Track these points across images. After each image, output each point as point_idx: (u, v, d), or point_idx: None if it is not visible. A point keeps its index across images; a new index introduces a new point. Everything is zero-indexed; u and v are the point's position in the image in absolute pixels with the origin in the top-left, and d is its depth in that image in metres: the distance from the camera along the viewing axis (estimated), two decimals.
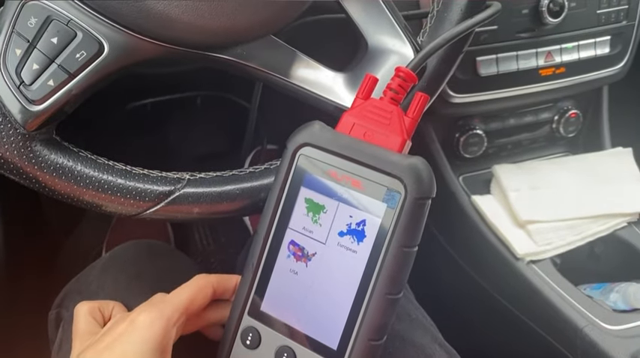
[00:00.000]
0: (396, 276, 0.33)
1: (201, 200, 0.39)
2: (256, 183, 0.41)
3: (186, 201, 0.39)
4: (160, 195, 0.38)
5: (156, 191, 0.38)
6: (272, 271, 0.36)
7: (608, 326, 0.52)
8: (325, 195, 0.35)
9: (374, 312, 0.33)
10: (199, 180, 0.40)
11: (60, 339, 0.44)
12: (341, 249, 0.34)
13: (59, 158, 0.36)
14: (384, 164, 0.33)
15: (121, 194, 0.37)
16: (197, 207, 0.39)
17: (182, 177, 0.39)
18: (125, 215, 0.38)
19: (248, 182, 0.41)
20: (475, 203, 0.65)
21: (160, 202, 0.38)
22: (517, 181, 0.66)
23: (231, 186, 0.40)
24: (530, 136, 0.70)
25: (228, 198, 0.40)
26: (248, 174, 0.41)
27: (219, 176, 0.40)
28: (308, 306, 0.35)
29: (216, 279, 0.38)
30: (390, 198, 0.33)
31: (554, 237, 0.61)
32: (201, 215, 0.40)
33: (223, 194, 0.40)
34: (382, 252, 0.33)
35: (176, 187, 0.39)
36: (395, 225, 0.33)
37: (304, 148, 0.35)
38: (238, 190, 0.40)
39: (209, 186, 0.40)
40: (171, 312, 0.35)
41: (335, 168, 0.35)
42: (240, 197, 0.40)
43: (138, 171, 0.38)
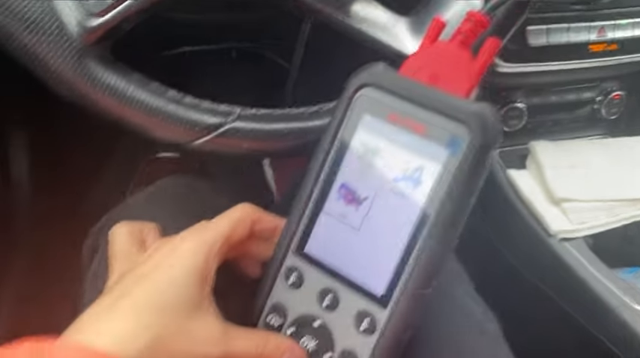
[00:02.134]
0: (451, 225, 0.32)
1: (250, 135, 0.38)
2: (307, 124, 0.40)
3: (235, 135, 0.38)
4: (210, 126, 0.37)
5: (207, 121, 0.37)
6: (320, 213, 0.35)
7: None
8: (383, 139, 0.34)
9: (427, 259, 0.32)
10: (250, 115, 0.39)
11: (96, 267, 0.43)
12: (395, 195, 0.33)
13: (112, 77, 0.35)
14: (449, 108, 0.32)
15: (171, 121, 0.36)
16: (246, 142, 0.38)
17: (233, 110, 0.38)
18: (174, 143, 0.37)
19: (299, 122, 0.40)
20: (510, 177, 0.64)
21: (211, 133, 0.37)
22: (555, 159, 0.65)
23: (281, 125, 0.39)
24: (570, 115, 0.68)
25: (278, 137, 0.39)
26: (299, 114, 0.40)
27: (271, 113, 0.39)
28: (355, 250, 0.34)
29: (257, 213, 0.37)
30: (453, 145, 0.32)
31: (589, 217, 0.60)
32: (249, 151, 0.39)
33: (273, 132, 0.39)
34: (440, 199, 0.32)
35: (227, 120, 0.38)
36: (456, 173, 0.32)
37: (365, 89, 0.34)
38: (288, 129, 0.39)
39: (259, 122, 0.39)
40: (213, 240, 0.34)
41: (396, 110, 0.33)
42: (290, 136, 0.39)
43: (189, 100, 0.37)
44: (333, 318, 0.35)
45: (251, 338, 0.34)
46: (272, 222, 0.38)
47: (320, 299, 0.35)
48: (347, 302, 0.34)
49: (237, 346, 0.33)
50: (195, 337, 0.32)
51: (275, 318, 0.36)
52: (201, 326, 0.33)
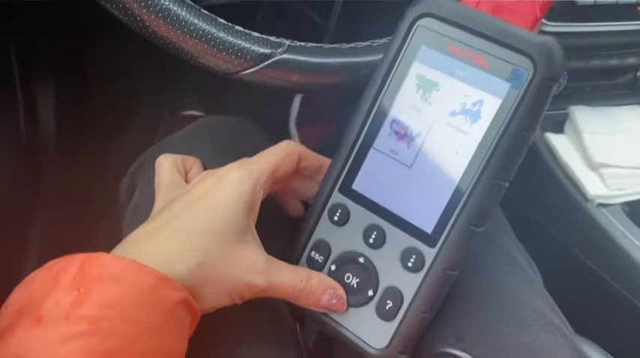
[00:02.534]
0: (509, 161, 0.32)
1: (301, 67, 0.37)
2: (357, 59, 0.39)
3: (285, 67, 0.37)
4: (260, 55, 0.36)
5: (257, 51, 0.36)
6: (369, 149, 0.35)
7: None
8: (441, 72, 0.33)
9: (480, 196, 0.31)
10: (300, 47, 0.38)
11: (136, 203, 0.43)
12: (450, 130, 0.33)
13: (166, 0, 0.34)
14: (513, 40, 0.31)
15: (223, 48, 0.35)
16: (296, 74, 0.38)
17: (283, 42, 0.38)
18: (224, 72, 0.36)
19: (349, 57, 0.39)
20: (548, 140, 0.62)
21: (261, 63, 0.37)
22: (594, 124, 0.63)
23: (332, 59, 0.38)
24: (611, 81, 0.67)
25: (328, 70, 0.38)
26: (349, 49, 0.39)
27: (320, 46, 0.39)
28: (404, 188, 0.34)
29: (303, 150, 0.36)
30: (515, 77, 0.31)
31: (627, 183, 0.58)
32: (300, 84, 0.38)
33: (323, 65, 0.38)
34: (498, 134, 0.31)
35: (277, 51, 0.37)
36: (517, 107, 0.31)
37: (424, 19, 0.33)
38: (339, 63, 0.38)
39: (309, 55, 0.38)
40: (259, 173, 0.34)
41: (457, 41, 0.32)
42: (341, 70, 0.38)
43: (240, 29, 0.36)
44: (379, 255, 0.34)
45: (294, 273, 0.34)
46: (318, 159, 0.37)
47: (366, 237, 0.34)
48: (394, 239, 0.34)
49: (280, 279, 0.33)
50: (240, 264, 0.32)
51: (318, 254, 0.36)
52: (245, 254, 0.32)
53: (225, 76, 0.37)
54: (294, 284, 0.33)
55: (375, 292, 0.34)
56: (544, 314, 0.36)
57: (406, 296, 0.33)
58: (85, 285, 0.26)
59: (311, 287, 0.34)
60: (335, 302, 0.34)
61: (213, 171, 0.35)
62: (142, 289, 0.27)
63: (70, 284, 0.26)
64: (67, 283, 0.26)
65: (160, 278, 0.27)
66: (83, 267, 0.26)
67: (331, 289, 0.34)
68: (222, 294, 0.31)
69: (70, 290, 0.26)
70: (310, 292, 0.34)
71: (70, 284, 0.26)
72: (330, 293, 0.34)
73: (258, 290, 0.32)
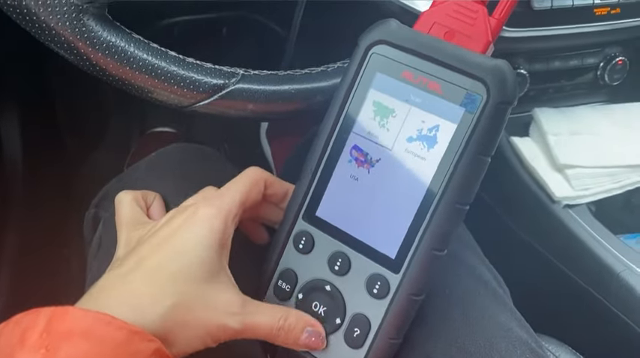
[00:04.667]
0: (467, 185, 0.32)
1: (255, 97, 0.37)
2: (312, 85, 0.39)
3: (240, 97, 0.37)
4: (214, 87, 0.36)
5: (210, 82, 0.36)
6: (331, 176, 0.34)
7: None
8: (396, 98, 0.33)
9: (440, 220, 0.32)
10: (253, 76, 0.37)
11: (99, 238, 0.42)
12: (408, 156, 0.33)
13: (112, 36, 0.33)
14: (466, 65, 0.31)
15: (174, 82, 0.35)
16: (251, 104, 0.37)
17: (236, 71, 0.37)
18: (177, 105, 0.36)
19: (304, 83, 0.38)
20: (513, 144, 0.63)
21: (214, 94, 0.36)
22: (557, 125, 0.64)
23: (287, 86, 0.38)
24: (573, 82, 0.67)
25: (283, 98, 0.38)
26: (304, 76, 0.39)
27: (274, 74, 0.38)
28: (366, 213, 0.34)
29: (269, 177, 0.36)
30: (469, 102, 0.31)
31: (592, 183, 0.59)
32: (256, 113, 0.38)
33: (278, 93, 0.38)
34: (455, 159, 0.31)
35: (230, 81, 0.37)
36: (472, 131, 0.31)
37: (378, 46, 0.33)
38: (294, 90, 0.38)
39: (263, 83, 0.38)
40: (229, 207, 0.33)
41: (411, 68, 0.32)
42: (296, 97, 0.38)
43: (191, 61, 0.36)
44: (345, 283, 0.34)
45: (271, 312, 0.33)
46: (283, 186, 0.37)
47: (331, 264, 0.34)
48: (359, 266, 0.34)
49: (257, 319, 0.32)
50: (214, 306, 0.31)
51: (285, 283, 0.35)
52: (219, 295, 0.31)
53: (179, 109, 0.36)
54: (271, 324, 0.32)
55: (342, 320, 0.34)
56: (511, 330, 0.36)
57: (373, 323, 0.33)
58: (53, 343, 0.25)
59: (289, 325, 0.33)
60: (314, 340, 0.33)
61: (181, 208, 0.34)
62: (114, 345, 0.26)
63: (37, 343, 0.25)
64: (33, 341, 0.25)
65: (131, 332, 0.26)
66: (51, 323, 0.25)
67: (310, 327, 0.33)
68: (195, 338, 0.30)
69: (37, 348, 0.24)
70: (289, 331, 0.33)
71: (37, 343, 0.25)
72: (309, 331, 0.33)
73: (234, 333, 0.31)
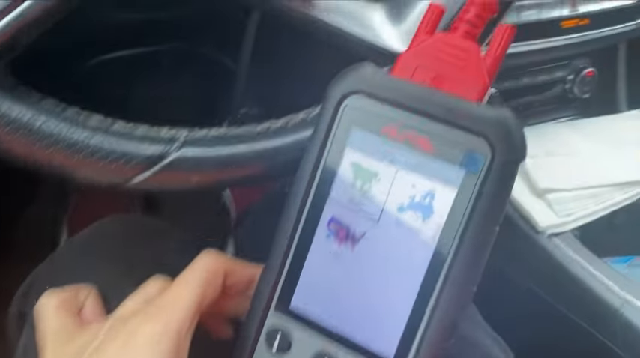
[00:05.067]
0: (476, 262, 0.26)
1: (202, 165, 0.30)
2: (273, 144, 0.32)
3: (183, 167, 0.30)
4: (150, 158, 0.29)
5: (144, 153, 0.29)
6: (306, 256, 0.28)
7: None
8: (378, 159, 0.27)
9: (447, 307, 0.26)
10: (200, 138, 0.31)
11: (24, 345, 0.34)
12: (400, 229, 0.27)
13: (15, 107, 0.26)
14: (462, 117, 0.25)
15: (99, 157, 0.28)
16: (197, 174, 0.30)
17: (177, 134, 0.30)
18: (106, 185, 0.29)
19: (262, 141, 0.32)
20: None
21: (150, 168, 0.29)
22: (532, 147, 0.59)
23: (241, 147, 0.31)
24: (542, 97, 0.64)
25: (238, 163, 0.31)
26: (260, 134, 0.32)
27: (226, 134, 0.31)
28: (354, 302, 0.27)
29: (228, 265, 0.29)
30: (470, 162, 0.25)
31: (575, 207, 0.55)
32: (202, 184, 0.31)
33: (232, 157, 0.31)
34: (458, 231, 0.25)
35: (170, 148, 0.30)
36: (477, 197, 0.25)
37: (352, 97, 0.27)
38: (250, 153, 0.31)
39: (213, 146, 0.31)
40: (181, 318, 0.26)
41: (394, 122, 0.26)
42: (253, 161, 0.31)
43: (120, 127, 0.29)
44: None
45: None
46: (246, 271, 0.30)
47: None
48: None
49: None
50: None
51: None
52: None
53: (110, 189, 0.29)
54: None
55: None
56: None
57: None
58: None
59: None
60: None
61: (120, 318, 0.27)
62: None
63: None
64: None
65: None
66: None
67: None
68: None
69: None
70: None
71: None
72: None
73: None
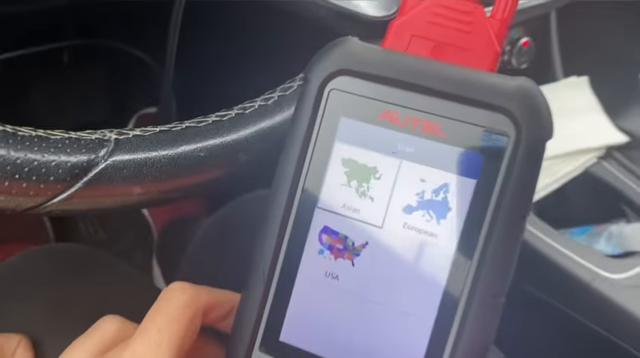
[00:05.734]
0: (506, 266, 0.21)
1: (143, 173, 0.23)
2: (229, 137, 0.26)
3: (118, 177, 0.23)
4: (72, 170, 0.22)
5: (65, 164, 0.22)
6: (295, 278, 0.22)
7: (614, 275, 0.46)
8: (377, 151, 0.22)
9: (472, 327, 0.21)
10: (135, 140, 0.24)
11: None
12: (409, 234, 0.21)
13: None
14: (477, 91, 0.21)
15: (2, 174, 0.20)
16: (138, 184, 0.24)
17: (105, 137, 0.23)
18: (12, 211, 0.21)
19: (215, 136, 0.25)
20: None
21: (75, 182, 0.22)
22: None
23: (188, 146, 0.25)
24: None
25: (188, 167, 0.25)
26: (212, 125, 0.26)
27: (167, 131, 0.25)
28: (359, 329, 0.22)
29: (208, 299, 0.23)
30: (491, 145, 0.21)
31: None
32: (147, 197, 0.24)
33: (178, 160, 0.24)
34: (482, 230, 0.21)
35: (98, 155, 0.22)
36: (502, 186, 0.21)
37: (338, 79, 0.21)
38: (202, 150, 0.25)
39: (152, 148, 0.24)
40: None
41: (393, 105, 0.21)
42: (207, 162, 0.25)
43: (26, 135, 0.21)
44: None
45: None
46: (226, 303, 0.24)
47: None
48: None
49: None
50: None
51: None
52: None
53: (23, 214, 0.21)
54: None
55: None
56: None
57: None
58: None
59: None
60: None
61: None
62: None
63: None
64: None
65: None
66: None
67: None
68: None
69: None
70: None
71: None
72: None
73: None
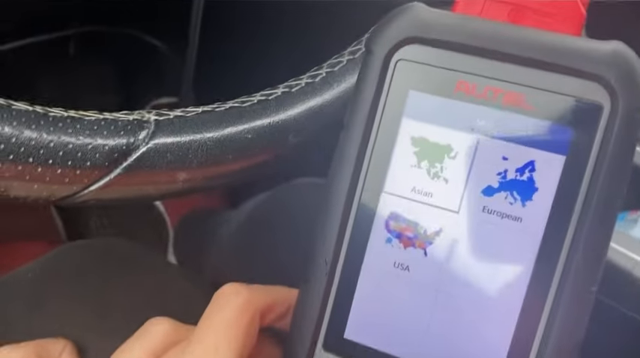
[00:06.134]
0: (599, 252, 0.19)
1: (189, 156, 0.21)
2: (277, 117, 0.23)
3: (162, 162, 0.21)
4: (112, 153, 0.20)
5: (104, 147, 0.19)
6: (359, 270, 0.20)
7: None
8: (451, 127, 0.19)
9: (568, 321, 0.19)
10: (177, 121, 0.21)
11: None
12: (490, 218, 0.19)
13: None
14: (566, 57, 0.18)
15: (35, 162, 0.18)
16: (184, 170, 0.21)
17: (144, 118, 0.21)
18: (48, 200, 0.19)
19: (262, 117, 0.23)
20: None
21: (114, 168, 0.20)
22: None
23: (235, 127, 0.23)
24: None
25: (235, 149, 0.22)
26: (258, 105, 0.23)
27: (211, 111, 0.23)
28: (434, 325, 0.20)
29: (263, 299, 0.21)
30: (583, 117, 0.19)
31: None
32: (190, 183, 0.22)
33: (225, 142, 0.22)
34: (574, 213, 0.19)
35: (138, 138, 0.20)
36: (597, 161, 0.19)
37: (406, 48, 0.19)
38: (249, 132, 0.23)
39: (197, 129, 0.22)
40: None
41: (470, 75, 0.19)
42: (255, 144, 0.23)
43: (60, 114, 0.19)
44: None
45: None
46: (283, 301, 0.22)
47: None
48: None
49: None
50: None
51: None
52: None
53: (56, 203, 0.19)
54: None
55: None
56: None
57: None
58: None
59: None
60: None
61: None
62: None
63: None
64: None
65: None
66: None
67: None
68: None
69: None
70: None
71: None
72: None
73: None
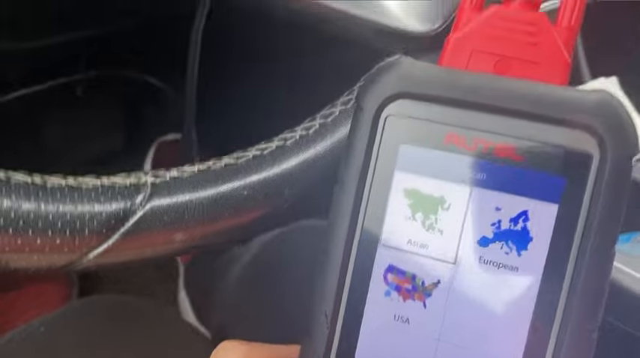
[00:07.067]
0: (598, 296, 0.19)
1: (186, 217, 0.21)
2: (272, 172, 0.24)
3: (159, 224, 0.21)
4: (109, 220, 0.20)
5: (101, 214, 0.20)
6: (360, 324, 0.20)
7: None
8: (443, 179, 0.20)
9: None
10: (173, 182, 0.22)
11: None
12: (487, 268, 0.19)
13: None
14: (554, 108, 0.19)
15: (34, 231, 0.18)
16: (180, 230, 0.22)
17: (140, 180, 0.21)
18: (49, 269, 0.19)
19: (257, 172, 0.23)
20: None
21: (112, 234, 0.20)
22: None
23: (231, 184, 0.23)
24: None
25: (231, 206, 0.23)
26: (253, 161, 0.24)
27: (206, 170, 0.23)
28: None
29: (262, 356, 0.21)
30: (573, 166, 0.19)
31: None
32: (187, 243, 0.22)
33: (220, 199, 0.22)
34: (570, 260, 0.19)
35: (135, 202, 0.20)
36: (589, 209, 0.19)
37: (395, 104, 0.20)
38: (245, 188, 0.23)
39: (195, 189, 0.22)
40: None
41: (458, 128, 0.19)
42: (251, 200, 0.23)
43: (58, 183, 0.19)
44: None
45: None
46: (289, 354, 0.22)
47: None
48: None
49: None
50: None
51: None
52: None
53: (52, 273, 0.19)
54: None
55: None
56: None
57: None
58: None
59: None
60: None
61: None
62: None
63: None
64: None
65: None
66: None
67: None
68: None
69: None
70: None
71: None
72: None
73: None
